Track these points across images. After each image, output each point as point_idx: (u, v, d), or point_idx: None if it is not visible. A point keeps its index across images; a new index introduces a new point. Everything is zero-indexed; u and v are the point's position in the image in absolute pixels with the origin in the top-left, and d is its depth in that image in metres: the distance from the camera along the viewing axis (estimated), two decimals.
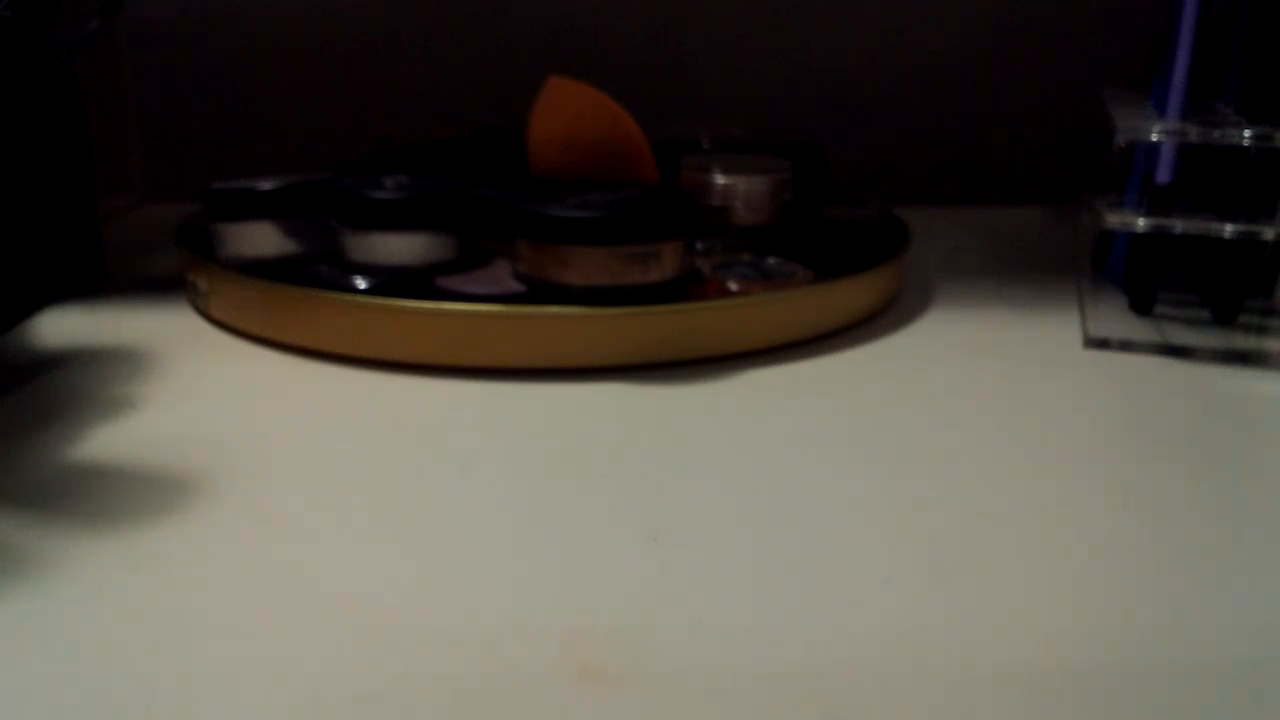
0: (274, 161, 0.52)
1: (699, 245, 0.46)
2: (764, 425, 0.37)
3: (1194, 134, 0.42)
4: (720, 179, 0.47)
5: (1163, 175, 0.43)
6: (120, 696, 0.23)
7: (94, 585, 0.27)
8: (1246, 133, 0.41)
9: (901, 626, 0.26)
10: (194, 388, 0.40)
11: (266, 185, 0.46)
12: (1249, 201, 0.42)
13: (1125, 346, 0.43)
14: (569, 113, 0.48)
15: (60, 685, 0.24)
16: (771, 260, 0.46)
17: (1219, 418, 0.38)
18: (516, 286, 0.42)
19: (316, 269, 0.45)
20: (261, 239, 0.46)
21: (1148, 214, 0.43)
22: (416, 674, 0.24)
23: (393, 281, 0.43)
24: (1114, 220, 0.43)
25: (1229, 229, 0.41)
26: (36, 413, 0.37)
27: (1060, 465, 0.34)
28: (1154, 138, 0.42)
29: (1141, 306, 0.46)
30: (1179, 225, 0.42)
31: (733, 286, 0.43)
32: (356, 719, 0.23)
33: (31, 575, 0.27)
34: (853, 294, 0.45)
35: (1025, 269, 0.54)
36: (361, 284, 0.43)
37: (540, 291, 0.41)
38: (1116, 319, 0.45)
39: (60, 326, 0.45)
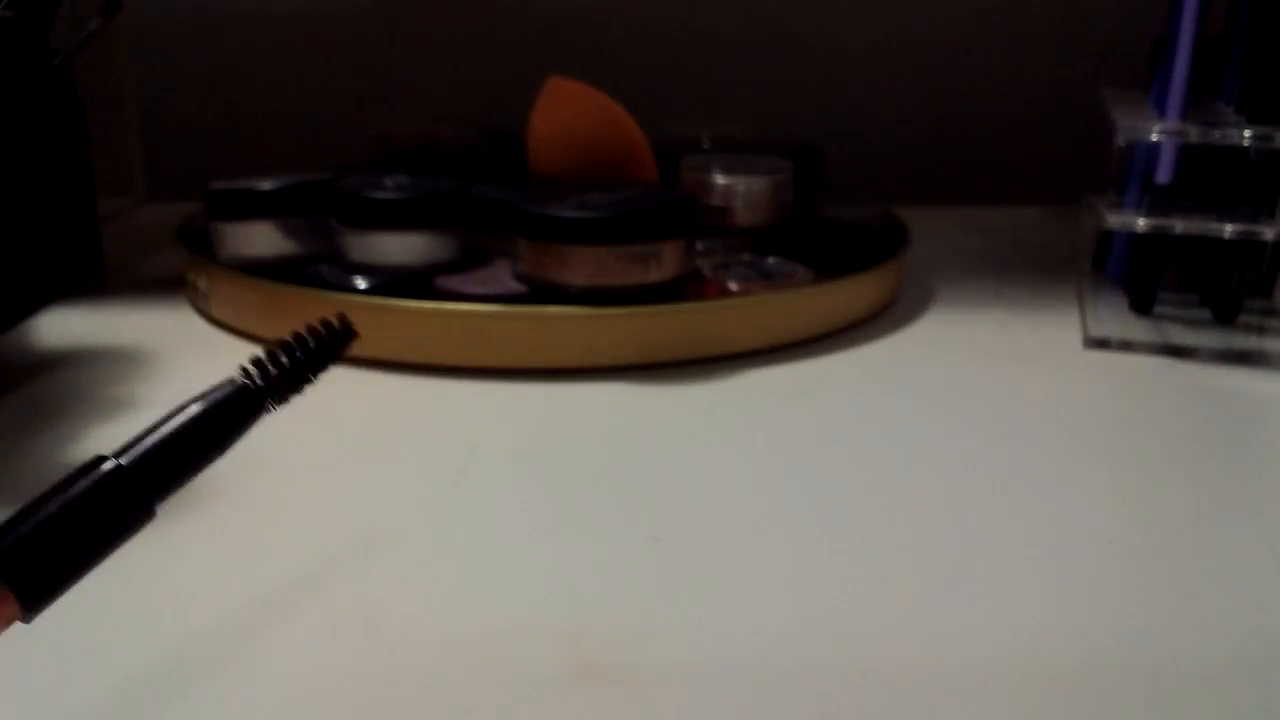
0: (274, 161, 0.52)
1: (699, 245, 0.46)
2: (764, 425, 0.37)
3: (1194, 134, 0.41)
4: (720, 179, 0.47)
5: (1163, 175, 0.43)
6: (119, 696, 0.23)
7: (94, 585, 0.27)
8: (1246, 133, 0.41)
9: (901, 626, 0.26)
10: (194, 388, 0.40)
11: (266, 185, 0.46)
12: (1249, 201, 0.42)
13: (1125, 346, 0.43)
14: (569, 113, 0.48)
15: (60, 685, 0.24)
16: (771, 260, 0.46)
17: (1219, 418, 0.38)
18: (516, 286, 0.42)
19: (316, 269, 0.45)
20: (261, 239, 0.46)
21: (1148, 214, 0.43)
22: (416, 674, 0.24)
23: (393, 281, 0.43)
24: (1114, 220, 0.43)
25: (1229, 229, 0.41)
26: (36, 413, 0.37)
27: (1060, 465, 0.34)
28: (1154, 138, 0.42)
29: (1141, 306, 0.46)
30: (1179, 225, 0.42)
31: (733, 286, 0.43)
32: (356, 719, 0.23)
33: None
34: (853, 294, 0.45)
35: (1025, 269, 0.54)
36: (361, 284, 0.43)
37: (540, 291, 0.41)
38: (1116, 319, 0.45)
39: (60, 326, 0.45)
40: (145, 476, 0.20)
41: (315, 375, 0.23)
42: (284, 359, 0.22)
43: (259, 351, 0.22)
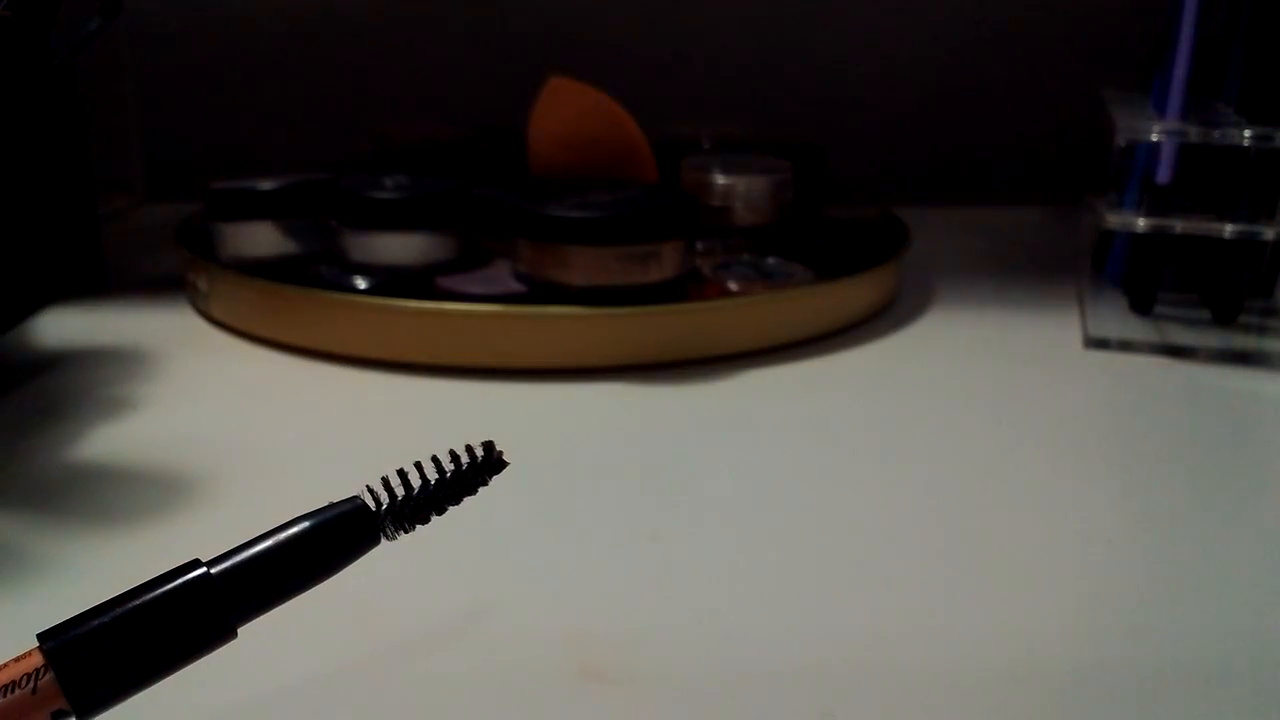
0: (274, 161, 0.52)
1: (699, 245, 0.46)
2: (764, 425, 0.37)
3: (1194, 134, 0.41)
4: (720, 179, 0.47)
5: (1163, 175, 0.43)
6: None
7: (94, 585, 0.27)
8: (1246, 133, 0.41)
9: (901, 626, 0.26)
10: (194, 388, 0.40)
11: (266, 185, 0.46)
12: (1249, 201, 0.42)
13: (1125, 346, 0.43)
14: (569, 113, 0.48)
15: None
16: (771, 260, 0.46)
17: (1219, 418, 0.38)
18: (516, 286, 0.42)
19: (316, 269, 0.45)
20: (261, 239, 0.46)
21: (1148, 214, 0.43)
22: (417, 674, 0.24)
23: (393, 281, 0.43)
24: (1114, 220, 0.43)
25: (1229, 229, 0.41)
26: (36, 413, 0.37)
27: (1060, 465, 0.34)
28: (1154, 138, 0.42)
29: (1141, 306, 0.46)
30: (1179, 225, 0.42)
31: (733, 286, 0.43)
32: (356, 718, 0.23)
33: (31, 575, 0.27)
34: (853, 294, 0.45)
35: (1025, 269, 0.54)
36: (361, 284, 0.43)
37: (540, 291, 0.41)
38: (1116, 319, 0.45)
39: (60, 326, 0.45)
40: (231, 591, 0.18)
41: (448, 507, 0.20)
42: (416, 483, 0.20)
43: (390, 471, 0.20)
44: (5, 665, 0.17)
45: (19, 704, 0.17)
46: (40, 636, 0.18)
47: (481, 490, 0.20)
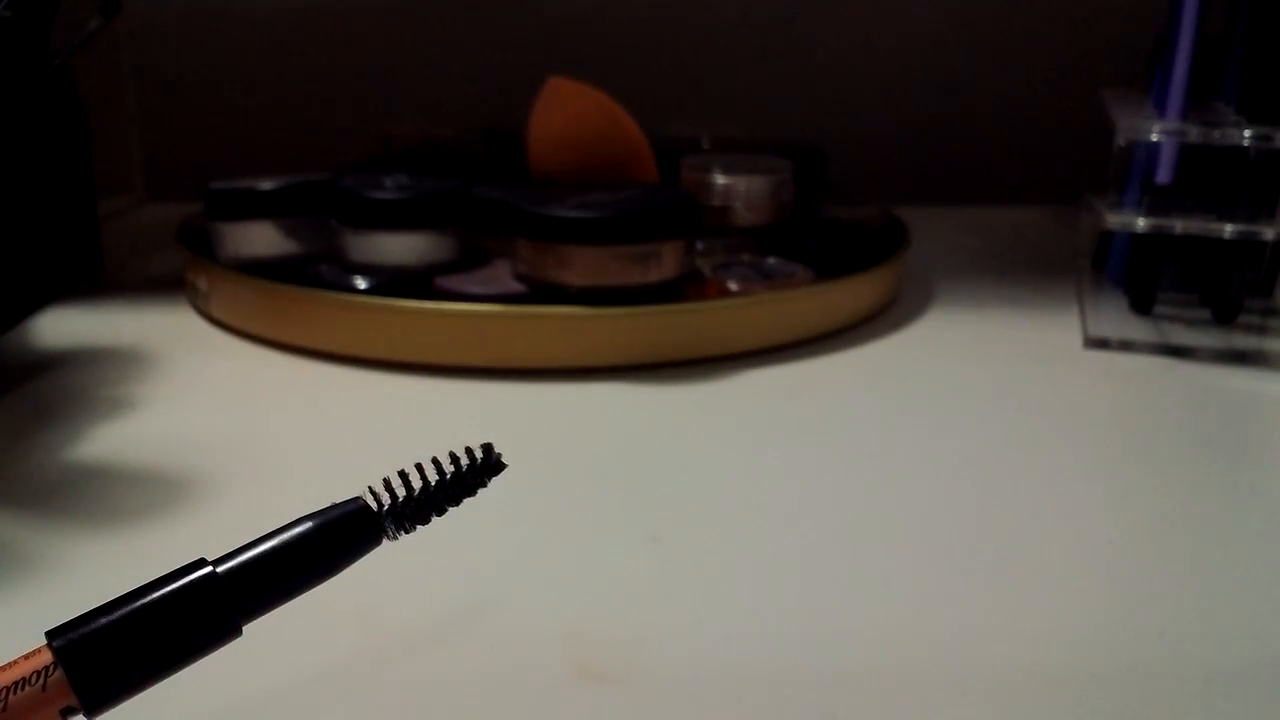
0: (274, 161, 0.52)
1: (699, 245, 0.46)
2: (764, 425, 0.37)
3: (1194, 134, 0.41)
4: (720, 179, 0.47)
5: (1163, 175, 0.43)
6: None
7: (94, 585, 0.27)
8: (1246, 133, 0.41)
9: (901, 627, 0.26)
10: (194, 388, 0.40)
11: (266, 185, 0.46)
12: (1249, 201, 0.42)
13: (1125, 346, 0.43)
14: (569, 113, 0.48)
15: None
16: (771, 260, 0.46)
17: (1219, 418, 0.38)
18: (516, 286, 0.42)
19: (316, 269, 0.45)
20: (261, 239, 0.46)
21: (1148, 214, 0.43)
22: (417, 674, 0.24)
23: (393, 281, 0.43)
24: (1114, 220, 0.43)
25: (1229, 229, 0.41)
26: (36, 413, 0.37)
27: (1060, 465, 0.34)
28: (1154, 138, 0.42)
29: (1141, 306, 0.46)
30: (1179, 225, 0.42)
31: (733, 286, 0.43)
32: (356, 716, 0.23)
33: (31, 575, 0.27)
34: (853, 294, 0.45)
35: (1025, 269, 0.54)
36: (361, 284, 0.43)
37: (540, 291, 0.41)
38: (1116, 319, 0.45)
39: (60, 326, 0.45)
40: (237, 589, 0.18)
41: (448, 507, 0.20)
42: (416, 484, 0.20)
43: (392, 473, 0.20)
44: (15, 663, 0.18)
45: (29, 700, 0.17)
46: (49, 634, 0.18)
47: (481, 491, 0.21)
